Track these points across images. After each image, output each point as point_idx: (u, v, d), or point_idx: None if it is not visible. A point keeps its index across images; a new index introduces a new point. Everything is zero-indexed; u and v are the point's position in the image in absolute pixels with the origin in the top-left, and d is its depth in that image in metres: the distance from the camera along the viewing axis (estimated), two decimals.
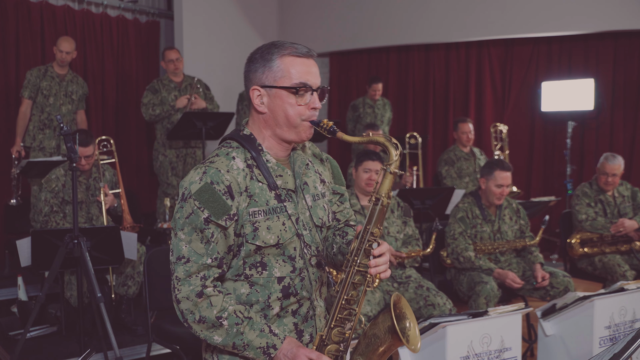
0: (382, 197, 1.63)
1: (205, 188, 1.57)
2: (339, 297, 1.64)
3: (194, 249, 1.59)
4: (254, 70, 1.68)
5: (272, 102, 1.65)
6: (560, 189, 6.50)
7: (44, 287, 3.27)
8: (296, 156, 1.75)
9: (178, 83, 5.61)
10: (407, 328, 1.64)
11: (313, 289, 1.72)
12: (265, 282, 1.65)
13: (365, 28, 7.31)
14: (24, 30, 5.99)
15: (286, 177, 1.69)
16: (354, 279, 1.63)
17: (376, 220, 1.63)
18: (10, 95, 5.90)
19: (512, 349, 3.03)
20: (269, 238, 1.62)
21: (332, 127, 1.65)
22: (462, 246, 3.86)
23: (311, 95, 1.65)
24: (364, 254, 1.62)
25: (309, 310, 1.72)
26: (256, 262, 1.64)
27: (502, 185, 3.87)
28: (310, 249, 1.71)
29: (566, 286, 3.79)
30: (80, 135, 3.97)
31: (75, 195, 3.26)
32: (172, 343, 3.03)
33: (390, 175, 1.63)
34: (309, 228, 1.71)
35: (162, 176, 5.64)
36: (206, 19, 7.09)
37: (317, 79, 1.68)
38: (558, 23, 6.13)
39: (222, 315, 1.58)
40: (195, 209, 1.57)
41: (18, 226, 5.20)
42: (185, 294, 1.59)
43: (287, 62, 1.64)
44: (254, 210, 1.62)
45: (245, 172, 1.63)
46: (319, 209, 1.75)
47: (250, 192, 1.62)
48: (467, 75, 7.18)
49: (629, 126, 6.32)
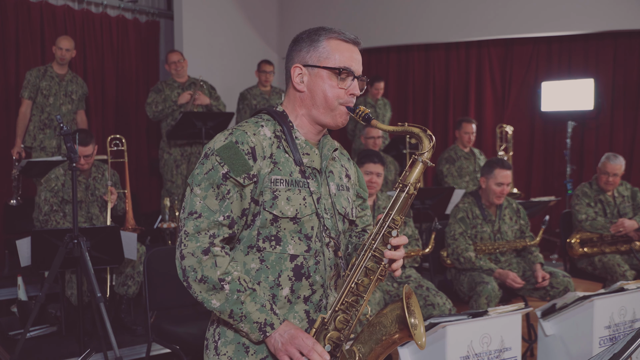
0: (410, 184, 1.61)
1: (229, 145, 1.56)
2: (349, 280, 1.59)
3: (208, 205, 1.55)
4: (298, 49, 1.67)
5: (313, 82, 1.64)
6: (560, 188, 6.50)
7: (43, 287, 3.27)
8: (326, 141, 1.73)
9: (182, 83, 5.62)
10: (415, 325, 1.58)
11: (327, 275, 1.67)
12: (277, 259, 1.60)
13: (365, 28, 7.31)
14: (24, 30, 5.99)
15: (313, 156, 1.66)
16: (367, 263, 1.59)
17: (400, 208, 1.60)
18: (9, 96, 5.90)
19: (512, 348, 3.03)
20: (287, 209, 1.58)
21: (367, 114, 1.63)
22: (462, 246, 3.86)
23: (352, 80, 1.64)
24: (381, 240, 1.59)
25: (322, 298, 1.67)
26: (270, 235, 1.60)
27: (503, 184, 3.86)
28: (329, 233, 1.66)
29: (566, 286, 3.79)
30: (80, 135, 3.97)
31: (75, 195, 3.26)
32: (171, 343, 3.03)
33: (421, 165, 1.61)
34: (330, 214, 1.68)
35: (167, 174, 5.64)
36: (206, 19, 7.10)
37: (359, 66, 1.67)
38: (558, 23, 6.13)
39: (225, 279, 1.52)
40: (215, 164, 1.55)
41: (18, 226, 5.20)
42: (191, 250, 1.53)
43: (333, 45, 1.63)
44: (276, 178, 1.59)
45: (272, 140, 1.61)
46: (342, 199, 1.72)
47: (275, 159, 1.60)
48: (467, 75, 7.18)
49: (628, 126, 6.32)
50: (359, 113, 1.63)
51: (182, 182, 5.65)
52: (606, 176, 4.46)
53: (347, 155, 1.85)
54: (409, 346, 2.89)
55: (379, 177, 3.62)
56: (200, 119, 5.08)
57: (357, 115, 1.63)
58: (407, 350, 2.89)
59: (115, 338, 3.11)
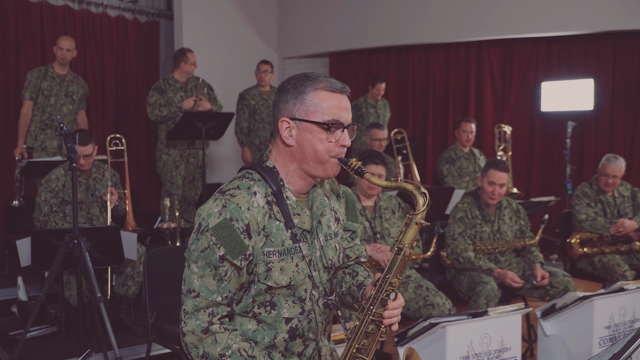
0: (405, 247, 1.60)
1: (224, 224, 1.53)
2: (350, 345, 1.62)
3: (206, 285, 1.56)
4: (284, 101, 1.63)
5: (301, 136, 1.61)
6: (560, 189, 6.50)
7: (43, 287, 3.26)
8: (315, 195, 1.71)
9: (184, 83, 5.61)
10: None
11: (319, 330, 1.70)
12: (273, 322, 1.63)
13: (365, 28, 7.31)
14: (24, 31, 5.99)
15: (304, 217, 1.65)
16: (367, 327, 1.61)
17: (396, 270, 1.60)
18: (10, 96, 5.90)
19: (512, 349, 3.03)
20: (281, 279, 1.60)
21: (359, 167, 1.62)
22: (461, 246, 3.86)
23: (342, 132, 1.62)
24: (380, 304, 1.60)
25: (314, 351, 1.71)
26: (265, 301, 1.63)
27: (495, 184, 3.85)
28: (318, 290, 1.68)
29: (566, 286, 3.79)
30: (79, 135, 3.97)
31: (75, 195, 3.26)
32: (171, 343, 3.03)
33: (415, 226, 1.59)
34: (318, 269, 1.69)
35: (166, 175, 5.64)
36: (206, 19, 7.10)
37: (349, 115, 1.65)
38: (558, 23, 6.13)
39: (226, 354, 1.56)
40: (211, 244, 1.54)
41: (18, 226, 5.20)
42: (191, 328, 1.56)
43: (320, 97, 1.60)
44: (269, 250, 1.59)
45: (264, 209, 1.60)
46: (330, 249, 1.72)
47: (268, 231, 1.60)
48: (467, 75, 7.18)
49: (628, 126, 6.32)
50: (351, 166, 1.62)
51: (181, 183, 5.65)
52: (605, 177, 4.46)
53: (338, 191, 1.83)
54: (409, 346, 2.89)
55: (381, 178, 3.62)
56: (200, 119, 5.08)
57: (349, 168, 1.62)
58: None
59: (115, 338, 3.11)
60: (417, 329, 2.90)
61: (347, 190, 1.86)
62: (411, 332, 2.92)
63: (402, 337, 2.95)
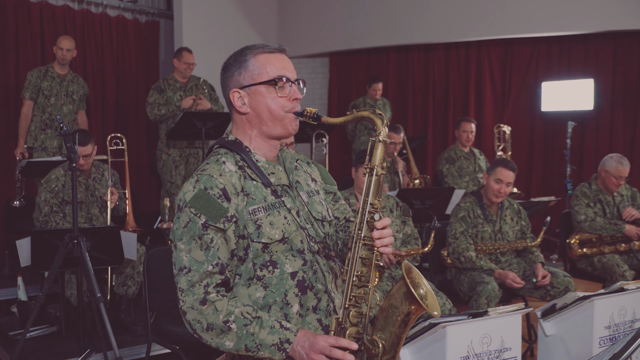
0: (376, 166, 1.64)
1: (200, 194, 1.57)
2: (349, 275, 1.62)
3: (194, 258, 1.57)
4: (229, 75, 1.70)
5: (254, 100, 1.67)
6: (560, 189, 6.50)
7: (43, 287, 3.26)
8: (285, 154, 1.78)
9: (184, 83, 5.61)
10: (424, 295, 1.59)
11: (327, 280, 1.71)
12: (279, 281, 1.63)
13: (365, 28, 7.31)
14: (24, 31, 5.99)
15: (279, 174, 1.70)
16: (361, 254, 1.62)
17: (374, 192, 1.63)
18: (10, 96, 5.90)
19: (512, 349, 3.03)
20: (273, 233, 1.62)
21: (315, 113, 1.67)
22: (463, 246, 3.86)
23: (290, 86, 1.67)
24: (367, 227, 1.62)
25: (329, 303, 1.70)
26: (266, 262, 1.63)
27: (501, 182, 3.86)
28: (315, 242, 1.70)
29: (566, 286, 3.79)
30: (79, 135, 3.97)
31: (74, 195, 3.26)
32: (171, 343, 3.03)
33: (380, 144, 1.64)
34: (310, 222, 1.71)
35: (166, 175, 5.64)
36: (206, 19, 7.10)
37: (293, 72, 1.70)
38: (558, 23, 6.13)
39: (229, 319, 1.56)
40: (192, 216, 1.57)
41: (18, 226, 5.20)
42: (190, 304, 1.56)
43: (261, 60, 1.67)
44: (254, 208, 1.61)
45: (238, 173, 1.64)
46: (316, 204, 1.76)
47: (247, 190, 1.63)
48: (467, 75, 7.18)
49: (628, 126, 6.32)
50: (307, 115, 1.67)
51: (181, 183, 5.65)
52: (617, 180, 4.43)
53: (305, 160, 1.88)
54: (409, 346, 2.89)
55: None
56: (200, 119, 5.07)
57: (306, 117, 1.67)
58: (407, 350, 2.89)
59: (115, 338, 3.11)
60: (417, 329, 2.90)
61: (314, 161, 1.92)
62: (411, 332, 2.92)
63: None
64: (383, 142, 1.64)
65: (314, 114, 1.67)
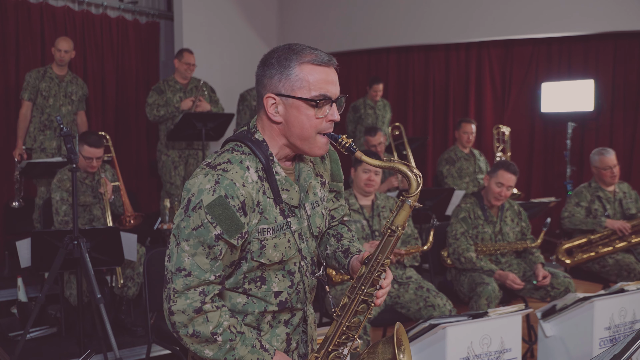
0: (398, 228, 1.58)
1: (219, 202, 1.46)
2: (340, 323, 1.62)
3: (198, 264, 1.49)
4: (269, 75, 1.55)
5: (288, 113, 1.54)
6: (560, 189, 6.50)
7: (43, 288, 3.26)
8: (302, 166, 1.67)
9: (184, 85, 5.61)
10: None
11: (307, 299, 1.71)
12: (263, 296, 1.61)
13: (365, 29, 7.31)
14: (24, 32, 5.99)
15: (292, 193, 1.61)
16: (358, 306, 1.61)
17: (389, 250, 1.59)
18: (10, 97, 5.90)
19: (512, 350, 3.03)
20: (274, 256, 1.57)
21: (350, 145, 1.56)
22: (463, 246, 3.86)
23: (330, 107, 1.55)
24: (371, 284, 1.60)
25: (301, 321, 1.72)
26: (256, 277, 1.60)
27: (503, 185, 3.86)
28: (306, 261, 1.67)
29: (566, 287, 3.79)
30: (93, 137, 3.99)
31: (74, 195, 3.26)
32: (171, 344, 3.03)
33: (408, 208, 1.57)
34: (306, 239, 1.66)
35: (165, 176, 5.65)
36: (206, 19, 7.10)
37: (336, 88, 1.57)
38: (558, 24, 6.13)
39: (218, 332, 1.51)
40: (205, 222, 1.46)
41: (18, 227, 5.20)
42: (182, 308, 1.49)
43: (306, 71, 1.52)
44: (263, 227, 1.55)
45: (258, 184, 1.54)
46: (317, 217, 1.70)
47: (262, 207, 1.55)
48: (467, 76, 7.18)
49: (628, 127, 6.31)
50: (342, 143, 1.56)
51: (180, 183, 5.65)
52: (610, 170, 4.44)
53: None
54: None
55: (377, 175, 3.63)
56: (200, 120, 5.08)
57: (340, 146, 1.57)
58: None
59: (115, 339, 3.11)
60: (417, 330, 2.90)
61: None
62: (411, 333, 2.92)
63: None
64: (412, 206, 1.58)
65: (349, 145, 1.56)
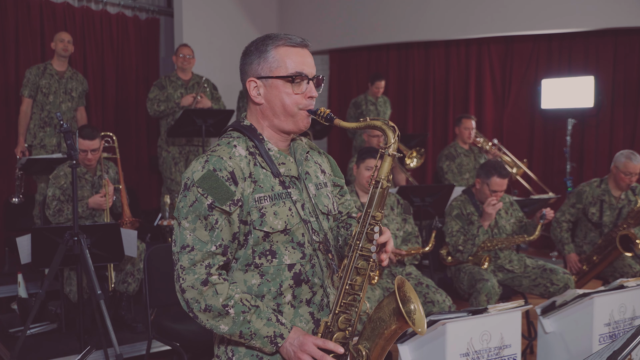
0: (382, 179, 1.64)
1: (208, 175, 1.58)
2: (343, 282, 1.64)
3: (198, 237, 1.58)
4: (249, 62, 1.69)
5: (269, 93, 1.66)
6: (560, 186, 6.50)
7: (44, 284, 3.27)
8: (296, 145, 1.77)
9: (185, 81, 5.61)
10: (413, 311, 1.63)
11: (325, 275, 1.72)
12: (276, 271, 1.65)
13: (365, 25, 7.31)
14: (24, 28, 5.99)
15: (289, 165, 1.70)
16: (357, 264, 1.64)
17: (377, 204, 1.64)
18: (10, 94, 5.90)
19: (512, 346, 3.03)
20: (276, 223, 1.62)
21: (329, 114, 1.66)
22: (460, 241, 3.87)
23: (307, 84, 1.67)
24: (366, 238, 1.63)
25: (323, 298, 1.72)
26: (265, 251, 1.64)
27: (497, 191, 3.88)
28: (318, 236, 1.71)
29: (566, 283, 3.79)
30: (86, 129, 3.99)
31: (75, 191, 3.27)
32: (172, 340, 3.03)
33: (389, 158, 1.65)
34: (315, 215, 1.72)
35: (166, 172, 5.65)
36: (206, 16, 7.09)
37: (312, 68, 1.69)
38: (558, 20, 6.13)
39: (229, 304, 1.57)
40: (198, 196, 1.58)
41: (18, 223, 5.20)
42: (190, 283, 1.57)
43: (282, 53, 1.65)
44: (260, 196, 1.62)
45: (247, 158, 1.64)
46: (323, 197, 1.76)
47: (255, 177, 1.63)
48: (467, 72, 7.18)
49: (629, 124, 6.31)
50: (320, 114, 1.66)
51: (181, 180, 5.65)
52: (630, 177, 4.28)
53: (317, 150, 1.89)
54: (409, 343, 2.89)
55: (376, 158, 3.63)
56: (200, 116, 5.07)
57: (319, 117, 1.67)
58: (407, 347, 2.89)
59: (115, 335, 3.12)
60: None
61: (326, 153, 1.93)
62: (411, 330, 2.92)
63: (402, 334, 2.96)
64: (392, 155, 1.64)
65: (327, 114, 1.66)
